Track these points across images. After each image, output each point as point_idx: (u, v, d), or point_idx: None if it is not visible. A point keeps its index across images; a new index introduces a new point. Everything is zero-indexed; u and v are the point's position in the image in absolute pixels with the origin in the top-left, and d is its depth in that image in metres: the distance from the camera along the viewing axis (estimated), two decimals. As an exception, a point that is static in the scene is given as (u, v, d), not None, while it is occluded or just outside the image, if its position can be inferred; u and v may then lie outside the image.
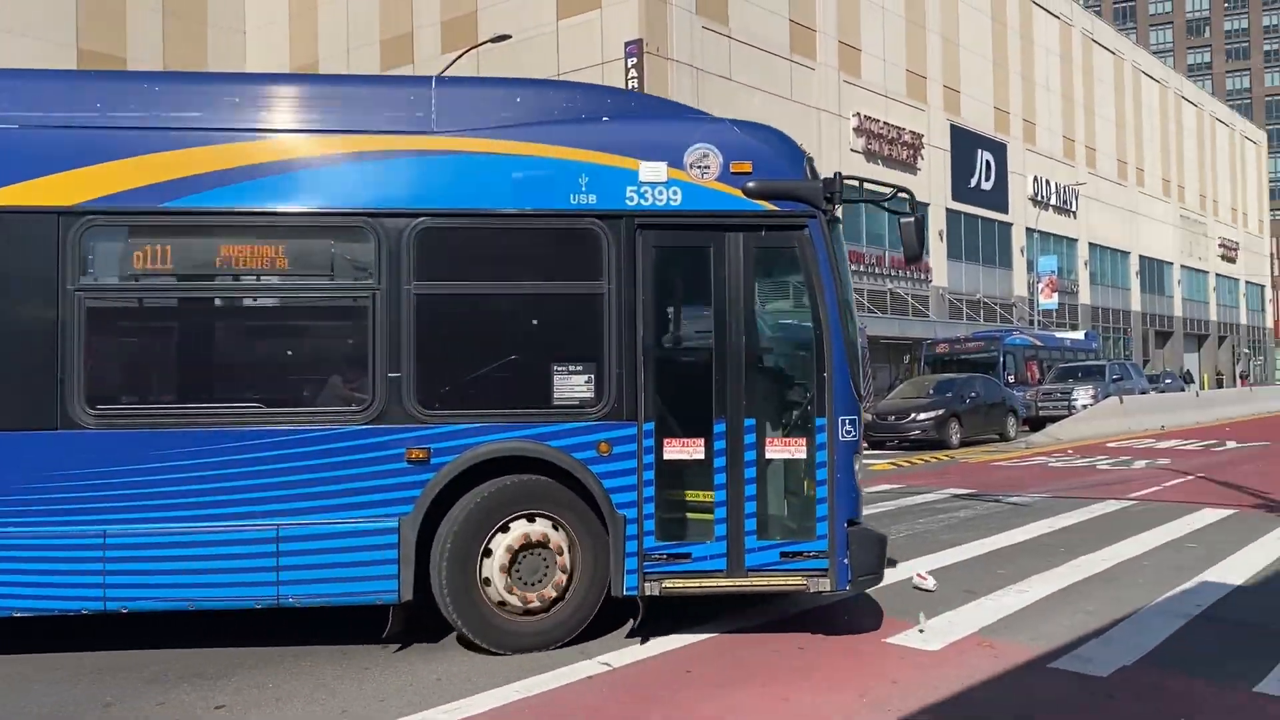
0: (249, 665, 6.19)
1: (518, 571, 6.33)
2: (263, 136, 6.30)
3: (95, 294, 6.11)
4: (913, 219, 6.79)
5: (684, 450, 6.45)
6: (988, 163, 45.60)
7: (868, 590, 7.56)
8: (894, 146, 39.04)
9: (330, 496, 6.12)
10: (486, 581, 6.29)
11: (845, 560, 6.45)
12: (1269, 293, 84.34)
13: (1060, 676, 5.94)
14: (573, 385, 6.37)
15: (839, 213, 6.70)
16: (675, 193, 6.42)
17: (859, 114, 37.45)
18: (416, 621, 6.72)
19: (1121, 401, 26.85)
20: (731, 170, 6.48)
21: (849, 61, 37.51)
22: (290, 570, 6.11)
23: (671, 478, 6.47)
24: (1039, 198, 49.40)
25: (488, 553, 6.30)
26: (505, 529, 6.32)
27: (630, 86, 28.22)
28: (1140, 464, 18.02)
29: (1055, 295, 47.89)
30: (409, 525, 6.16)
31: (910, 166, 39.83)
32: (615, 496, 6.32)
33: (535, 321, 6.57)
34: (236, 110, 6.35)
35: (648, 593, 6.36)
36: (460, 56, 27.81)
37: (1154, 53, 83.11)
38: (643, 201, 6.39)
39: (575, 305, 6.48)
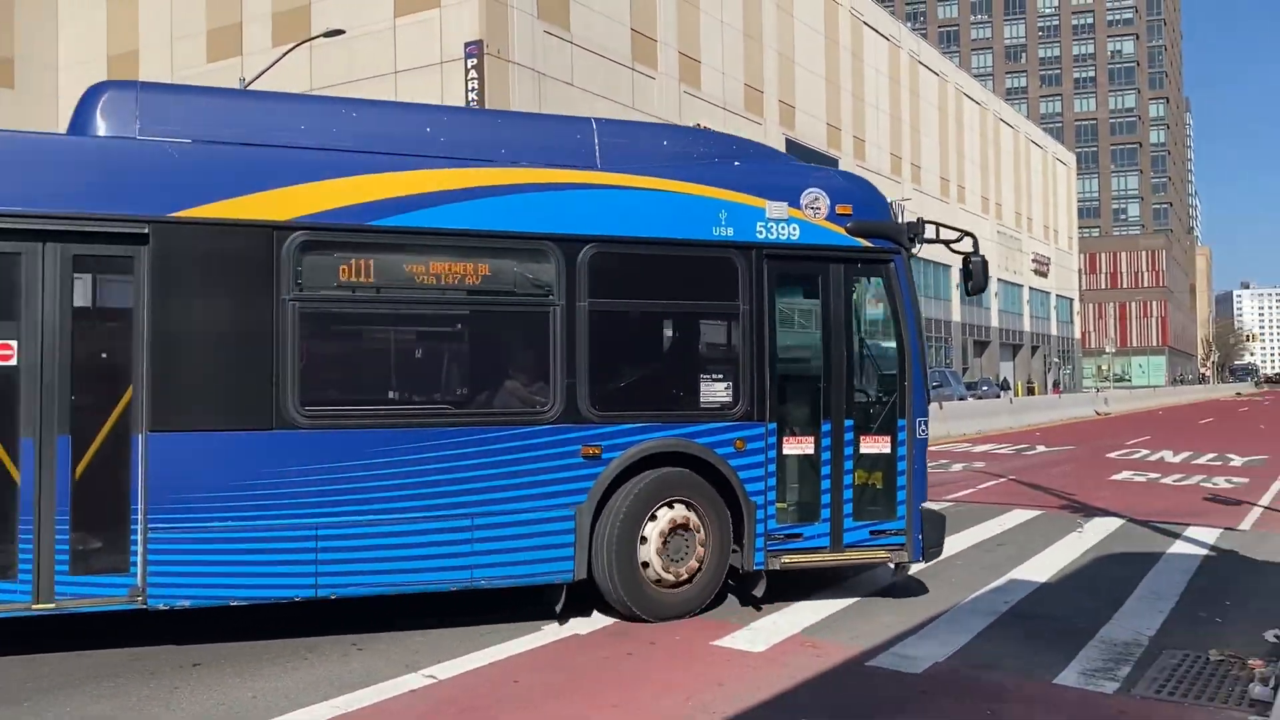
0: (48, 687, 5.78)
1: (667, 550, 7.21)
2: (454, 164, 6.91)
3: (307, 303, 6.50)
4: (981, 258, 8.13)
5: (798, 446, 7.63)
6: (821, 176, 46.94)
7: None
8: (732, 157, 39.71)
9: (517, 488, 6.83)
10: (644, 557, 7.16)
11: (919, 536, 7.78)
12: (1077, 305, 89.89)
13: (877, 674, 6.15)
14: (715, 391, 7.42)
15: (917, 251, 8.05)
16: (794, 229, 7.57)
17: (699, 124, 38.08)
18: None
19: (941, 407, 28.06)
20: (836, 211, 7.71)
21: (689, 73, 38.10)
22: (482, 555, 6.76)
23: (787, 470, 7.65)
24: (868, 211, 51.15)
25: (645, 535, 7.18)
26: (665, 509, 7.24)
27: (470, 88, 27.91)
28: (957, 467, 18.87)
29: (881, 306, 49.72)
30: (584, 512, 6.98)
31: (747, 177, 40.56)
32: (747, 486, 7.37)
33: (684, 335, 7.75)
34: (430, 138, 7.08)
35: (771, 567, 7.44)
36: (291, 50, 26.95)
37: (975, 76, 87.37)
38: (768, 235, 7.50)
39: (716, 322, 7.66)
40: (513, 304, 7.13)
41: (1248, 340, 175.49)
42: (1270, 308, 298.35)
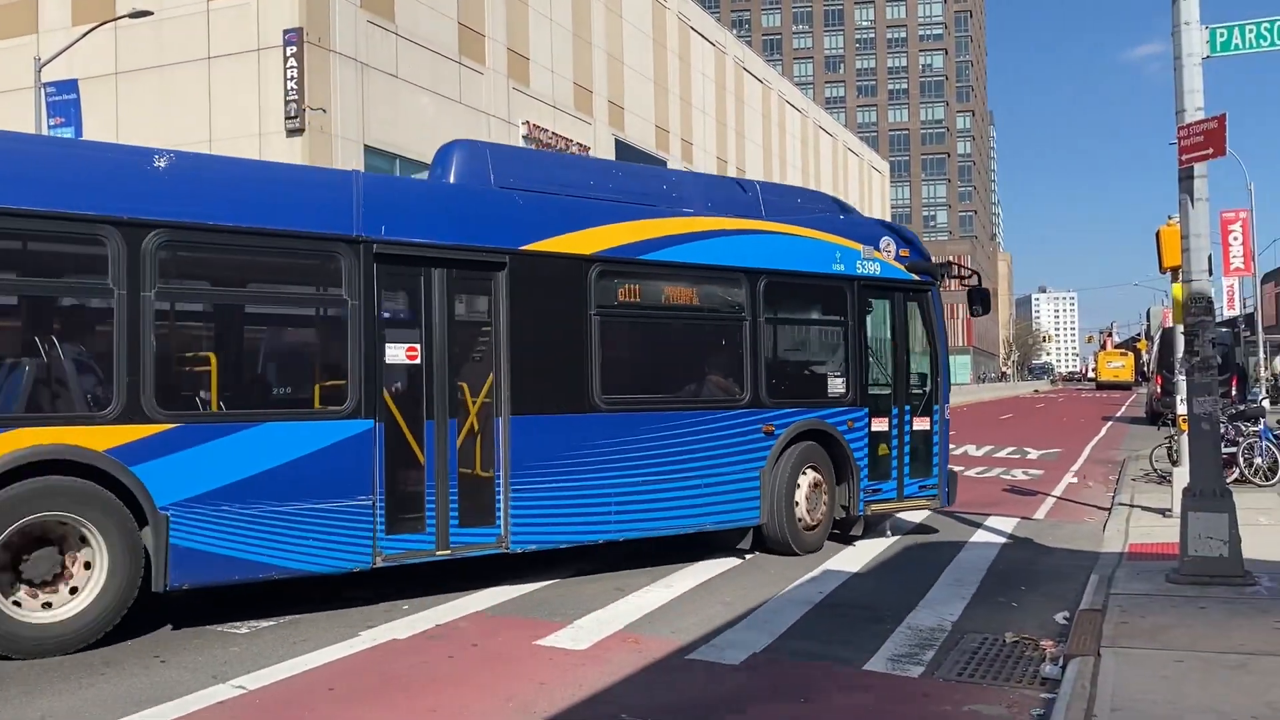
0: None
1: (809, 502, 9.83)
2: (681, 213, 9.38)
3: (603, 316, 8.70)
4: (987, 290, 11.44)
5: (880, 425, 10.43)
6: (649, 177, 47.34)
7: (513, 593, 7.59)
8: (561, 156, 39.65)
9: (727, 456, 9.32)
10: (796, 508, 9.71)
11: (947, 490, 10.93)
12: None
13: (697, 667, 6.24)
14: (836, 384, 10.27)
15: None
16: (876, 266, 10.54)
17: (528, 122, 37.87)
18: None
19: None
20: (899, 253, 10.73)
21: (518, 69, 37.83)
22: (708, 506, 9.19)
23: (873, 442, 10.32)
24: (695, 213, 51.99)
25: (796, 491, 9.73)
26: (803, 473, 9.82)
27: (289, 77, 26.91)
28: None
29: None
30: (765, 474, 9.59)
31: (576, 177, 40.50)
32: (855, 454, 10.15)
33: (816, 342, 10.93)
34: (666, 193, 9.65)
35: (866, 513, 10.31)
36: (92, 30, 25.37)
37: (797, 85, 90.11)
38: (861, 270, 10.41)
39: (835, 332, 10.47)
40: (721, 319, 9.75)
41: (1044, 341, 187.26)
42: (1064, 310, 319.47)
